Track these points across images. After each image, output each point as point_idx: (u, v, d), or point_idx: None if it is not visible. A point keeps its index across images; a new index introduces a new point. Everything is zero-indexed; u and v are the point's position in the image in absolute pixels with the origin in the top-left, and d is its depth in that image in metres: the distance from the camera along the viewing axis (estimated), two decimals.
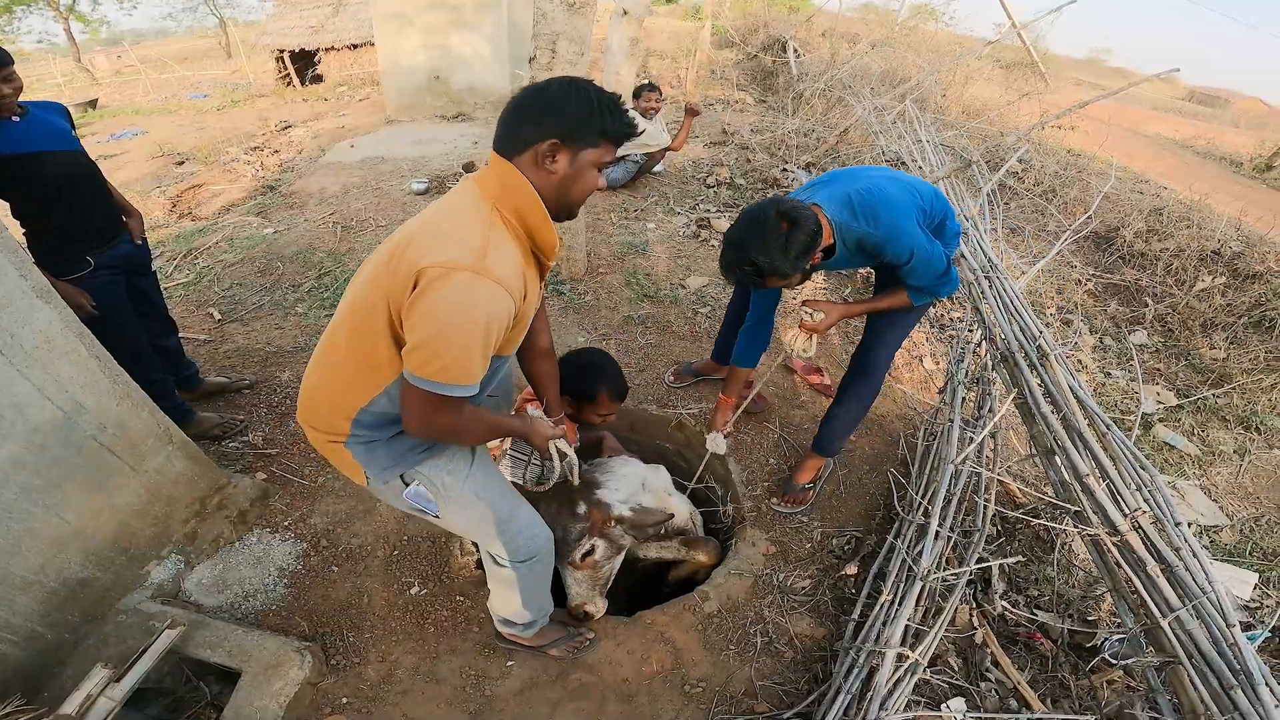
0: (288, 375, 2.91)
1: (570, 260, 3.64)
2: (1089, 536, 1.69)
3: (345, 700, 1.75)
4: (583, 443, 2.22)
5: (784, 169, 5.39)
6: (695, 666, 1.87)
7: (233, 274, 3.85)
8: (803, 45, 10.47)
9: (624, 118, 1.20)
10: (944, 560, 1.87)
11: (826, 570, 2.19)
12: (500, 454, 1.94)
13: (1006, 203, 5.33)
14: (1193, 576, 1.47)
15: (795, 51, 9.52)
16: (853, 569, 2.15)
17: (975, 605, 1.96)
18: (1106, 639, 1.87)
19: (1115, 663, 1.77)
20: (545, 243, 1.27)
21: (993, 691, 1.76)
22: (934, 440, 2.41)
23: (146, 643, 1.65)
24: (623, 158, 4.84)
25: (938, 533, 1.80)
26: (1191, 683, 1.39)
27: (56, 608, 1.73)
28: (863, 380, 2.23)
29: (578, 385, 1.97)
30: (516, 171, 1.19)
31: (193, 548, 2.05)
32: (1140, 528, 1.58)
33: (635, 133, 1.24)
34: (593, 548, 1.84)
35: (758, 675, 1.86)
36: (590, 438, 2.29)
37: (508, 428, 1.49)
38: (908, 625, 1.65)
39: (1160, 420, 3.31)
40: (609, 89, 1.20)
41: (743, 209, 1.80)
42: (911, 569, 1.77)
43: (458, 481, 1.45)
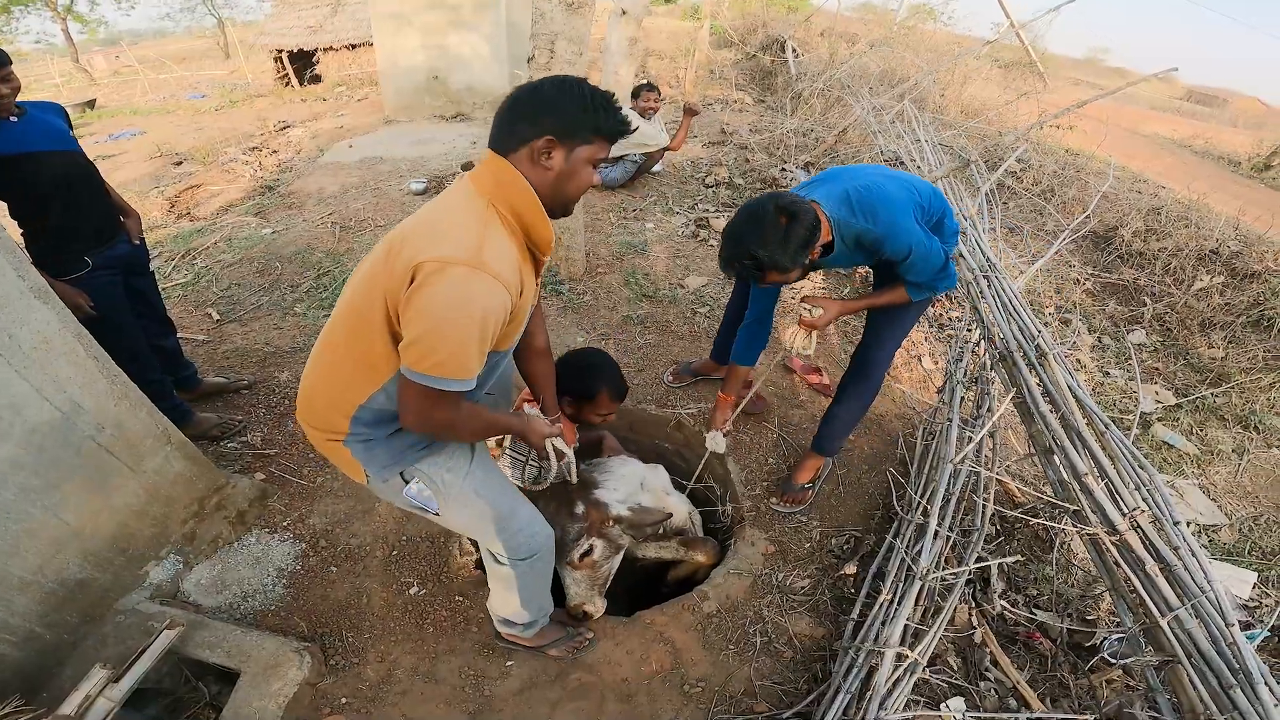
0: (286, 375, 2.91)
1: (569, 260, 3.64)
2: (1088, 536, 1.69)
3: (344, 700, 1.74)
4: (582, 443, 2.22)
5: (782, 169, 5.39)
6: (694, 666, 1.87)
7: (231, 274, 3.85)
8: (801, 45, 10.47)
9: (618, 114, 1.21)
10: (943, 559, 1.87)
11: (825, 570, 2.19)
12: (499, 454, 1.94)
13: (1005, 202, 5.34)
14: (1191, 576, 1.47)
15: (794, 51, 9.52)
16: (852, 568, 2.15)
17: (974, 604, 1.96)
18: (1105, 638, 1.87)
19: (1114, 662, 1.77)
20: (541, 238, 1.28)
21: (992, 691, 1.76)
22: (933, 439, 2.41)
23: (145, 643, 1.65)
24: (621, 157, 4.84)
25: (936, 532, 1.81)
26: (1190, 682, 1.39)
27: (55, 608, 1.73)
28: (862, 380, 2.23)
29: (577, 385, 1.97)
30: (512, 168, 1.20)
31: (191, 548, 2.05)
32: (1139, 527, 1.58)
33: (629, 130, 1.26)
34: (591, 547, 1.84)
35: (757, 675, 1.86)
36: (590, 438, 2.29)
37: (505, 425, 1.49)
38: (907, 625, 1.65)
39: (1159, 419, 3.31)
40: (608, 89, 1.21)
41: (742, 205, 1.81)
42: (910, 568, 1.77)
43: (457, 479, 1.45)
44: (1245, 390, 3.43)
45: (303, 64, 13.09)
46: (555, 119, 1.17)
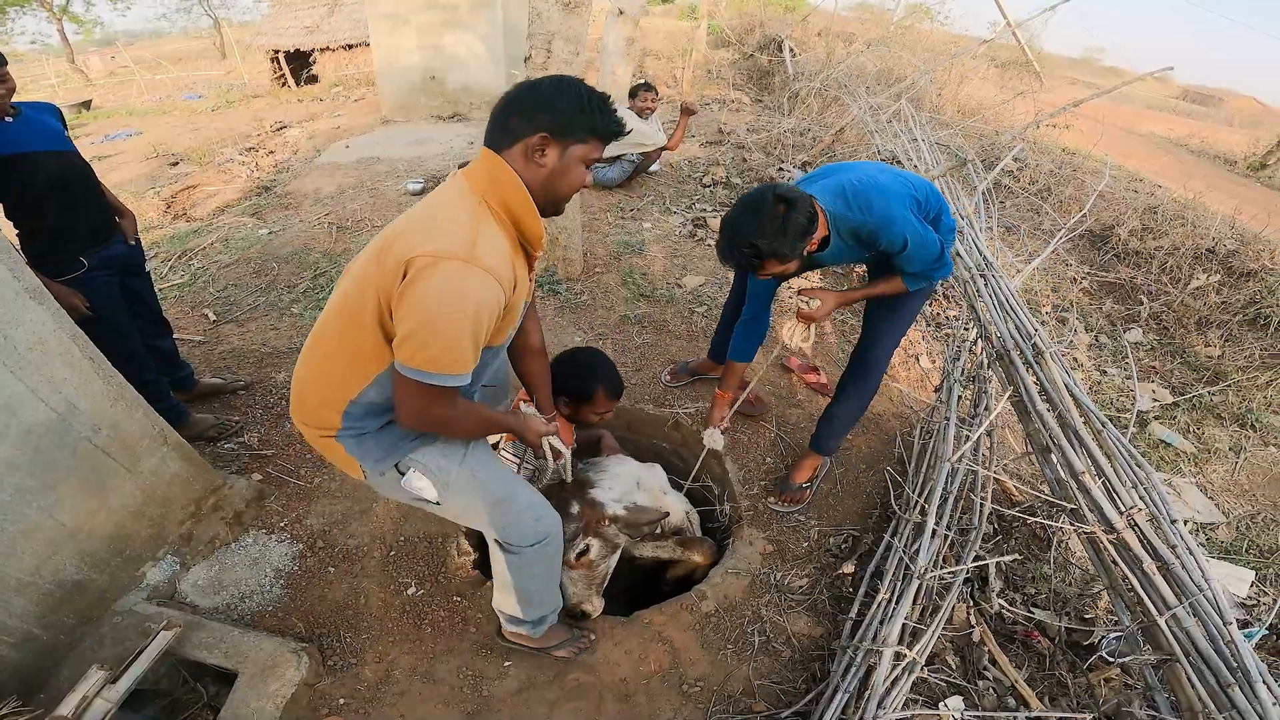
0: (283, 376, 2.90)
1: (566, 260, 3.63)
2: (1085, 534, 1.70)
3: (342, 701, 1.74)
4: (581, 442, 2.22)
5: (780, 168, 5.40)
6: (693, 666, 1.87)
7: (228, 275, 3.84)
8: (798, 45, 10.48)
9: (613, 116, 1.22)
10: (941, 558, 1.87)
11: (824, 569, 2.19)
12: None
13: (1002, 201, 5.35)
14: (1189, 574, 1.47)
15: (791, 51, 9.53)
16: (850, 568, 2.15)
17: (972, 603, 1.96)
18: (1104, 637, 1.87)
19: (1113, 661, 1.77)
20: (532, 233, 1.28)
21: (990, 690, 1.77)
22: (930, 438, 2.41)
23: (143, 644, 1.65)
24: (618, 157, 4.84)
25: (934, 531, 1.81)
26: (1189, 680, 1.39)
27: (52, 609, 1.72)
28: (861, 379, 2.23)
29: (572, 384, 1.96)
30: (505, 165, 1.20)
31: (188, 549, 2.04)
32: (1136, 525, 1.58)
33: (624, 132, 1.27)
34: (587, 547, 1.83)
35: (755, 674, 1.86)
36: (589, 437, 2.29)
37: (501, 423, 1.49)
38: (905, 624, 1.65)
39: (1156, 418, 3.32)
40: (605, 89, 1.22)
41: (739, 197, 1.81)
42: (909, 567, 1.77)
43: (454, 465, 1.44)
44: (1242, 388, 3.44)
45: (299, 64, 13.05)
46: (551, 116, 1.17)
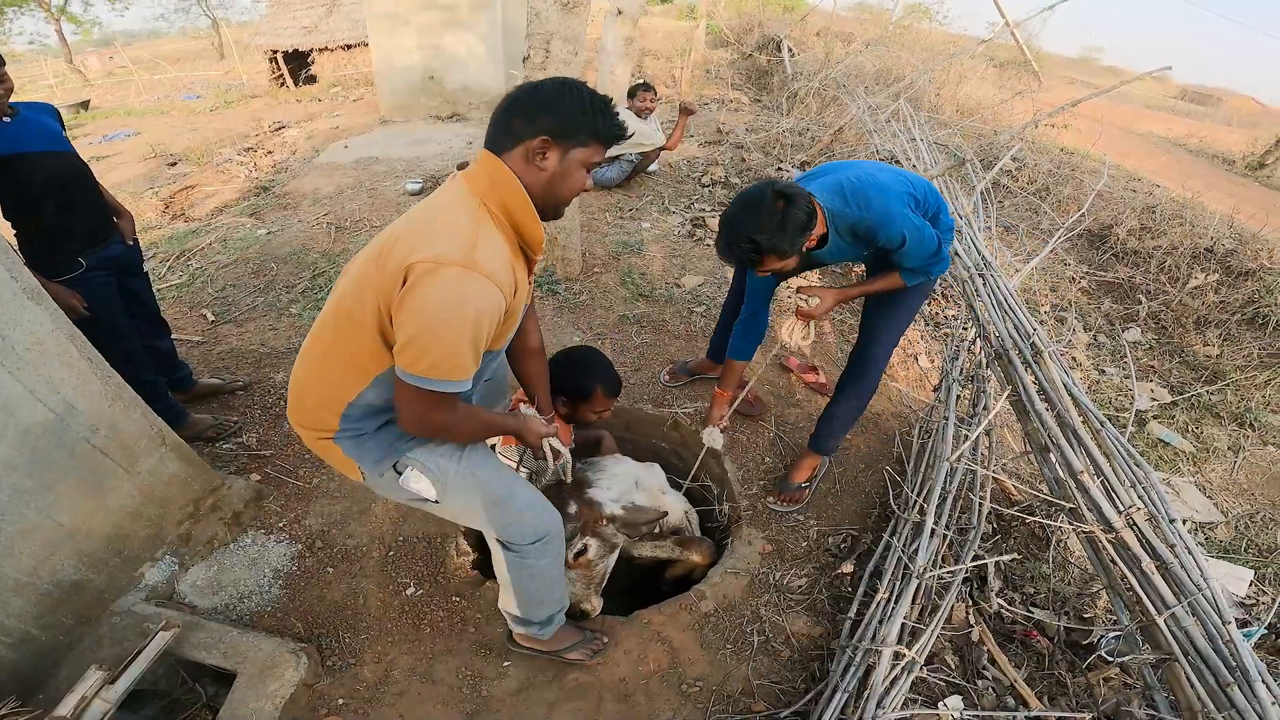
0: (282, 376, 2.90)
1: (565, 260, 3.63)
2: (1084, 534, 1.70)
3: (341, 701, 1.74)
4: (580, 442, 2.22)
5: (779, 168, 5.40)
6: (692, 666, 1.87)
7: (226, 275, 3.84)
8: (797, 44, 10.49)
9: (615, 119, 1.22)
10: (940, 558, 1.87)
11: (823, 569, 2.19)
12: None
13: (1000, 201, 5.35)
14: (1188, 573, 1.48)
15: (790, 51, 9.53)
16: (849, 567, 2.15)
17: (971, 603, 1.96)
18: (1103, 636, 1.87)
19: (1112, 660, 1.77)
20: (532, 238, 1.27)
21: (989, 689, 1.77)
22: (929, 438, 2.41)
23: (141, 644, 1.64)
24: (617, 157, 4.84)
25: (933, 530, 1.81)
26: (1188, 680, 1.40)
27: (50, 610, 1.72)
28: (860, 378, 2.24)
29: (570, 383, 1.96)
30: (505, 168, 1.20)
31: (187, 549, 2.04)
32: (1135, 525, 1.58)
33: (625, 135, 1.26)
34: (585, 547, 1.83)
35: (754, 674, 1.86)
36: (588, 437, 2.29)
37: (502, 425, 1.49)
38: (904, 623, 1.65)
39: (1154, 417, 3.32)
40: (604, 89, 1.22)
41: (737, 194, 1.81)
42: (908, 567, 1.77)
43: (452, 463, 1.43)
44: (1240, 387, 3.45)
45: (298, 64, 13.04)
46: (553, 119, 1.17)
